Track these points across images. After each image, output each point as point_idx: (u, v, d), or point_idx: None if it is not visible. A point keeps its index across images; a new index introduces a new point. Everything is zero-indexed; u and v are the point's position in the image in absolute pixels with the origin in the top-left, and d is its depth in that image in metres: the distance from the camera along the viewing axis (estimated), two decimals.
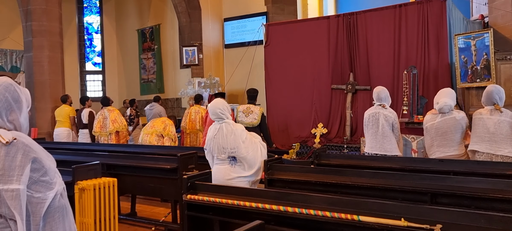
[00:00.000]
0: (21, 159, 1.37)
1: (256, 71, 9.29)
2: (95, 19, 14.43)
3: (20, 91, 1.55)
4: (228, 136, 3.41)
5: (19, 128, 1.50)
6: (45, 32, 8.70)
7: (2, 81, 1.51)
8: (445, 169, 3.50)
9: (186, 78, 11.13)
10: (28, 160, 1.38)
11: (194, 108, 7.96)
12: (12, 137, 1.39)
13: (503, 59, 5.92)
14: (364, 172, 3.34)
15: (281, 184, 3.54)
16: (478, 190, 2.73)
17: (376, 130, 4.57)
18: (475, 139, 3.93)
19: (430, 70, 6.81)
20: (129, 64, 13.74)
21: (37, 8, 8.64)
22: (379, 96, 4.64)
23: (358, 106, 7.55)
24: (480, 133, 3.86)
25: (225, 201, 2.74)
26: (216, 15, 11.49)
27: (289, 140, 8.00)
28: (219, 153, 3.46)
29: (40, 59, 8.69)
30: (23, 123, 1.52)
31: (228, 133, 3.42)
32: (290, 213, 2.43)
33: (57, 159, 1.60)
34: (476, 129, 3.92)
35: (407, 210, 2.12)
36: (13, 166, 1.36)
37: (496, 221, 1.92)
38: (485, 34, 5.94)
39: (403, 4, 7.28)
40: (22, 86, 1.63)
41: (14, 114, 1.49)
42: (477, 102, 6.07)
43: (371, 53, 7.45)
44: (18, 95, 1.52)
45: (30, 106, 1.62)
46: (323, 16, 9.70)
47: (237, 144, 3.40)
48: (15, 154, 1.37)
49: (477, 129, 3.90)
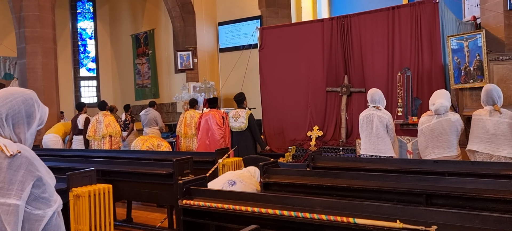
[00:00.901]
0: (23, 174, 1.34)
1: (251, 75, 9.30)
2: (89, 25, 14.39)
3: (38, 108, 1.52)
4: None
5: (23, 142, 1.47)
6: (38, 38, 8.66)
7: (24, 93, 1.49)
8: (440, 170, 3.51)
9: (181, 83, 11.11)
10: (31, 177, 1.35)
11: (189, 113, 7.95)
12: (17, 150, 1.36)
13: (495, 59, 5.96)
14: (359, 174, 3.35)
15: (277, 187, 3.54)
16: (472, 190, 2.74)
17: (370, 131, 4.59)
18: (474, 139, 3.95)
19: (424, 72, 6.85)
20: (124, 70, 13.70)
21: (30, 14, 8.60)
22: (374, 98, 4.67)
23: (353, 109, 7.58)
24: (479, 133, 3.88)
25: (221, 206, 2.74)
26: (210, 20, 11.49)
27: (285, 143, 8.00)
28: None
29: (34, 66, 8.65)
30: (28, 138, 1.50)
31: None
32: (286, 216, 2.43)
33: (51, 166, 1.59)
34: (475, 130, 3.93)
35: (403, 212, 2.13)
36: (14, 180, 1.32)
37: (491, 222, 1.93)
38: (477, 35, 5.99)
39: (396, 6, 7.33)
40: (43, 104, 1.60)
41: (22, 127, 1.47)
42: (471, 103, 6.10)
43: (365, 55, 7.49)
44: (33, 111, 1.50)
45: (43, 125, 1.60)
46: (317, 19, 9.73)
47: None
48: (18, 168, 1.34)
49: (477, 129, 3.91)
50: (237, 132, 6.56)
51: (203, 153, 5.79)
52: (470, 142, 4.00)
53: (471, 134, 4.02)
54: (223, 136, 6.62)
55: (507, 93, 5.77)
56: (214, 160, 4.83)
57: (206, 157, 5.09)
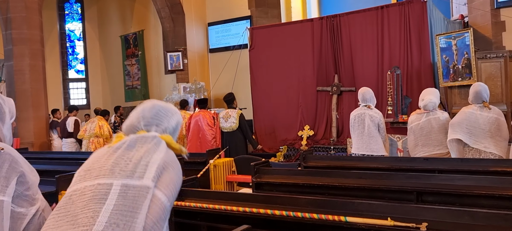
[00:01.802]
0: (7, 170, 1.33)
1: (241, 75, 9.29)
2: (77, 26, 14.25)
3: (3, 102, 1.51)
4: None
5: (3, 139, 1.46)
6: (25, 40, 8.55)
7: None
8: (430, 168, 3.53)
9: (171, 84, 11.06)
10: (15, 173, 1.33)
11: (180, 113, 7.90)
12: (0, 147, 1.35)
13: (483, 57, 6.03)
14: (350, 173, 3.36)
15: (269, 187, 3.53)
16: (462, 187, 2.76)
17: (362, 131, 4.61)
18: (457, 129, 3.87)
19: (413, 70, 6.90)
20: (113, 71, 13.60)
21: (17, 16, 8.48)
22: (364, 97, 4.68)
23: (343, 108, 7.61)
24: (467, 125, 3.87)
25: (212, 206, 2.72)
26: (200, 20, 11.45)
27: (276, 143, 8.00)
28: None
29: (21, 68, 8.53)
30: (6, 134, 1.49)
31: None
32: (277, 216, 2.43)
33: (40, 169, 1.57)
34: (462, 121, 3.89)
35: (393, 210, 2.14)
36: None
37: (480, 217, 1.95)
38: (465, 33, 6.05)
39: (385, 5, 7.37)
40: (5, 96, 1.58)
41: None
42: (460, 101, 6.17)
43: (355, 54, 7.53)
44: (0, 106, 1.49)
45: (14, 117, 1.59)
46: (307, 19, 9.75)
47: None
48: (1, 165, 1.33)
49: (464, 121, 3.88)
50: (228, 132, 6.54)
51: (194, 154, 5.75)
52: (453, 132, 3.91)
53: (455, 124, 3.94)
54: (215, 136, 6.60)
55: (495, 91, 5.84)
56: (205, 160, 4.81)
57: (197, 158, 5.07)
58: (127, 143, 1.39)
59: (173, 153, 1.47)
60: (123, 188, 1.25)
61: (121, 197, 1.22)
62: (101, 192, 1.23)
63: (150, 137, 1.45)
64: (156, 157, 1.37)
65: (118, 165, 1.31)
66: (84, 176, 1.32)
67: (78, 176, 1.35)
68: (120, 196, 1.23)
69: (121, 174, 1.28)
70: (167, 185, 1.34)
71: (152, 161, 1.34)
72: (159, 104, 1.58)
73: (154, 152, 1.38)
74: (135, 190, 1.25)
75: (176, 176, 1.41)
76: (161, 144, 1.44)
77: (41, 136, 8.60)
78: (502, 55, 5.97)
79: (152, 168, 1.32)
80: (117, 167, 1.30)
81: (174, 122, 1.59)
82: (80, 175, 1.34)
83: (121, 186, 1.25)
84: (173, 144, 1.49)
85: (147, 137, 1.45)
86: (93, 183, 1.27)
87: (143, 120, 1.50)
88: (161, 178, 1.32)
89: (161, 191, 1.31)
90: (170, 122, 1.57)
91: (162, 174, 1.34)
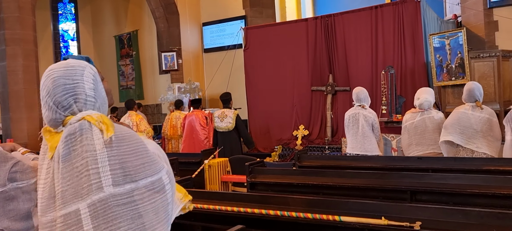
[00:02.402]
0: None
1: (236, 75, 9.28)
2: (71, 26, 14.17)
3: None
4: None
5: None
6: (18, 40, 8.48)
7: None
8: (424, 167, 3.55)
9: (165, 84, 11.03)
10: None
11: (175, 114, 7.89)
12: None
13: (476, 57, 6.07)
14: (345, 173, 3.37)
15: (263, 187, 3.53)
16: (456, 186, 2.78)
17: (357, 130, 4.62)
18: (450, 129, 3.91)
19: (407, 70, 6.94)
20: (107, 71, 13.52)
21: (9, 16, 8.42)
22: (359, 97, 4.70)
23: (338, 107, 7.63)
24: (459, 126, 3.90)
25: (207, 207, 2.72)
26: (195, 20, 11.43)
27: (271, 143, 8.01)
28: None
29: (14, 69, 8.46)
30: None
31: None
32: (272, 216, 2.43)
33: None
34: (456, 122, 3.92)
35: (387, 209, 2.15)
36: None
37: (473, 216, 1.96)
38: (458, 33, 6.09)
39: (379, 5, 7.40)
40: None
41: None
42: (454, 100, 6.21)
43: (349, 54, 7.55)
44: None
45: None
46: (301, 19, 9.77)
47: None
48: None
49: (458, 122, 3.91)
50: (223, 132, 6.52)
51: (189, 154, 5.75)
52: (446, 133, 3.94)
53: (448, 125, 3.96)
54: (207, 136, 6.59)
55: (488, 90, 5.88)
56: (200, 160, 4.81)
57: (191, 158, 5.07)
58: (61, 153, 1.18)
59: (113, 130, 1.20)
60: (91, 208, 1.13)
61: (94, 218, 1.12)
62: (73, 222, 1.12)
63: (76, 131, 1.19)
64: (101, 155, 1.16)
65: (71, 184, 1.15)
66: (47, 204, 1.18)
67: (43, 204, 1.20)
68: (93, 218, 1.12)
69: (80, 193, 1.14)
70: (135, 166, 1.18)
71: (100, 163, 1.15)
72: (56, 72, 1.23)
73: (94, 150, 1.16)
74: (102, 204, 1.13)
75: (131, 148, 1.20)
76: (93, 132, 1.19)
77: (35, 137, 8.54)
78: (495, 55, 6.01)
79: (106, 171, 1.15)
80: (70, 187, 1.15)
81: (89, 82, 1.25)
82: (43, 203, 1.20)
83: (88, 207, 1.13)
84: (97, 122, 1.20)
85: (74, 133, 1.19)
86: (59, 214, 1.14)
87: (55, 103, 1.21)
88: (122, 170, 1.16)
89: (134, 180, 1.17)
90: (83, 86, 1.24)
91: (120, 165, 1.17)
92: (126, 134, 1.23)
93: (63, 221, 1.13)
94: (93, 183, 1.14)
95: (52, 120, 1.23)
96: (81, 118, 1.21)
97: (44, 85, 1.23)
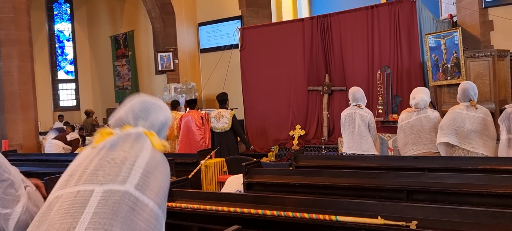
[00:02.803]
0: None
1: (232, 75, 9.28)
2: (66, 27, 14.12)
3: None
4: None
5: None
6: (13, 41, 8.44)
7: None
8: (420, 166, 3.56)
9: (162, 84, 11.01)
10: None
11: (171, 114, 7.86)
12: None
13: (472, 57, 6.09)
14: (341, 172, 3.37)
15: (260, 187, 3.52)
16: (451, 185, 2.78)
17: (353, 130, 4.62)
18: (446, 131, 3.94)
19: (403, 70, 6.96)
20: (103, 72, 13.49)
21: (4, 16, 8.38)
22: (355, 96, 4.70)
23: (334, 107, 7.64)
24: (454, 126, 3.92)
25: (203, 207, 2.71)
26: (191, 20, 11.42)
27: (267, 143, 8.01)
28: None
29: (9, 69, 8.43)
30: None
31: None
32: (268, 216, 2.42)
33: (30, 171, 1.55)
34: (452, 123, 3.95)
35: (384, 208, 2.15)
36: None
37: (469, 215, 1.96)
38: (454, 33, 6.11)
39: (375, 5, 7.42)
40: None
41: None
42: (449, 100, 6.22)
43: (346, 54, 7.56)
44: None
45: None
46: (297, 19, 9.78)
47: None
48: None
49: (453, 122, 3.94)
50: (220, 132, 6.51)
51: (185, 154, 5.73)
52: (442, 134, 3.96)
53: (443, 126, 3.99)
54: (203, 137, 6.57)
55: (483, 89, 5.90)
56: (196, 161, 4.79)
57: (188, 158, 5.05)
58: (109, 142, 1.31)
59: (160, 153, 1.38)
60: (104, 195, 1.17)
61: (101, 205, 1.15)
62: (80, 200, 1.16)
63: (133, 134, 1.36)
64: (142, 159, 1.28)
65: (102, 168, 1.23)
66: (68, 181, 1.25)
67: (61, 181, 1.28)
68: (100, 204, 1.15)
69: (105, 178, 1.21)
70: (157, 191, 1.26)
71: (137, 164, 1.26)
72: (148, 98, 1.51)
73: (140, 153, 1.30)
74: (116, 196, 1.17)
75: (164, 177, 1.33)
76: (146, 142, 1.35)
77: (30, 138, 8.50)
78: (490, 54, 6.03)
79: (137, 172, 1.23)
80: (101, 170, 1.23)
81: (162, 117, 1.50)
82: (64, 180, 1.27)
83: (103, 193, 1.17)
84: (155, 141, 1.38)
85: (130, 134, 1.36)
86: (74, 190, 1.19)
87: (132, 113, 1.43)
88: (148, 183, 1.24)
89: (150, 198, 1.22)
90: (158, 116, 1.48)
91: (149, 178, 1.26)
92: (165, 161, 1.39)
93: (73, 196, 1.18)
94: (121, 174, 1.22)
95: (119, 119, 1.42)
96: (142, 131, 1.39)
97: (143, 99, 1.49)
